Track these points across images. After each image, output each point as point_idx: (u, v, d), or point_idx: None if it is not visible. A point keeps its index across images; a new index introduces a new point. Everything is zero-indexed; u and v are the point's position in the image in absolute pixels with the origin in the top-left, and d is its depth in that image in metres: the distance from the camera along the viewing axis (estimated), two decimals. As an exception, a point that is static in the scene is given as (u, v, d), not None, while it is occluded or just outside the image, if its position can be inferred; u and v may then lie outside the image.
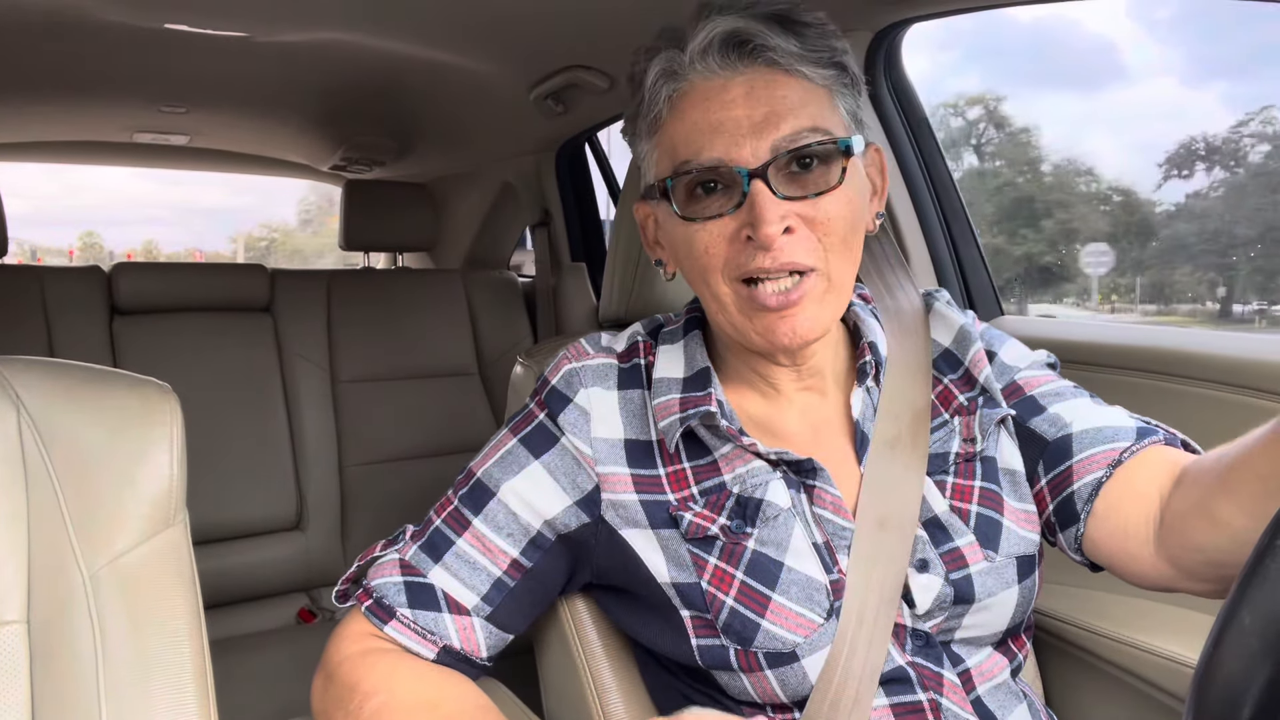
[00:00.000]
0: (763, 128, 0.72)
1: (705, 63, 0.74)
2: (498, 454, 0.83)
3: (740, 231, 0.72)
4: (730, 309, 0.76)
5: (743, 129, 0.72)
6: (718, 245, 0.74)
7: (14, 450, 0.68)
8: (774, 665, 0.74)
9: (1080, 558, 0.83)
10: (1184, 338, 1.25)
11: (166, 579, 0.70)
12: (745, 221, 0.72)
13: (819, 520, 0.77)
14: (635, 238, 1.04)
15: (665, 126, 0.77)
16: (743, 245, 0.73)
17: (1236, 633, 0.42)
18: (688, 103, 0.75)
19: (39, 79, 2.00)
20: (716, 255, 0.74)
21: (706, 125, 0.73)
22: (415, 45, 1.74)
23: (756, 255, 0.72)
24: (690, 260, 0.76)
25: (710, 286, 0.76)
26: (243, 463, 2.15)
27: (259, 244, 18.31)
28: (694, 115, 0.74)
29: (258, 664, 1.82)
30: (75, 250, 19.95)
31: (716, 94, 0.73)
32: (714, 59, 0.73)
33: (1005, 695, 0.80)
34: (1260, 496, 0.65)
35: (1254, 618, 0.42)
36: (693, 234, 0.75)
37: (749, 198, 0.71)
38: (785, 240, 0.71)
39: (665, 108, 0.76)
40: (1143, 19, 16.33)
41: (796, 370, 0.82)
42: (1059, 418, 0.83)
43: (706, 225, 0.74)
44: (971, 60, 22.91)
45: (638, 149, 0.82)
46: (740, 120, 0.72)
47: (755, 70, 0.73)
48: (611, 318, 1.10)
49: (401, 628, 0.78)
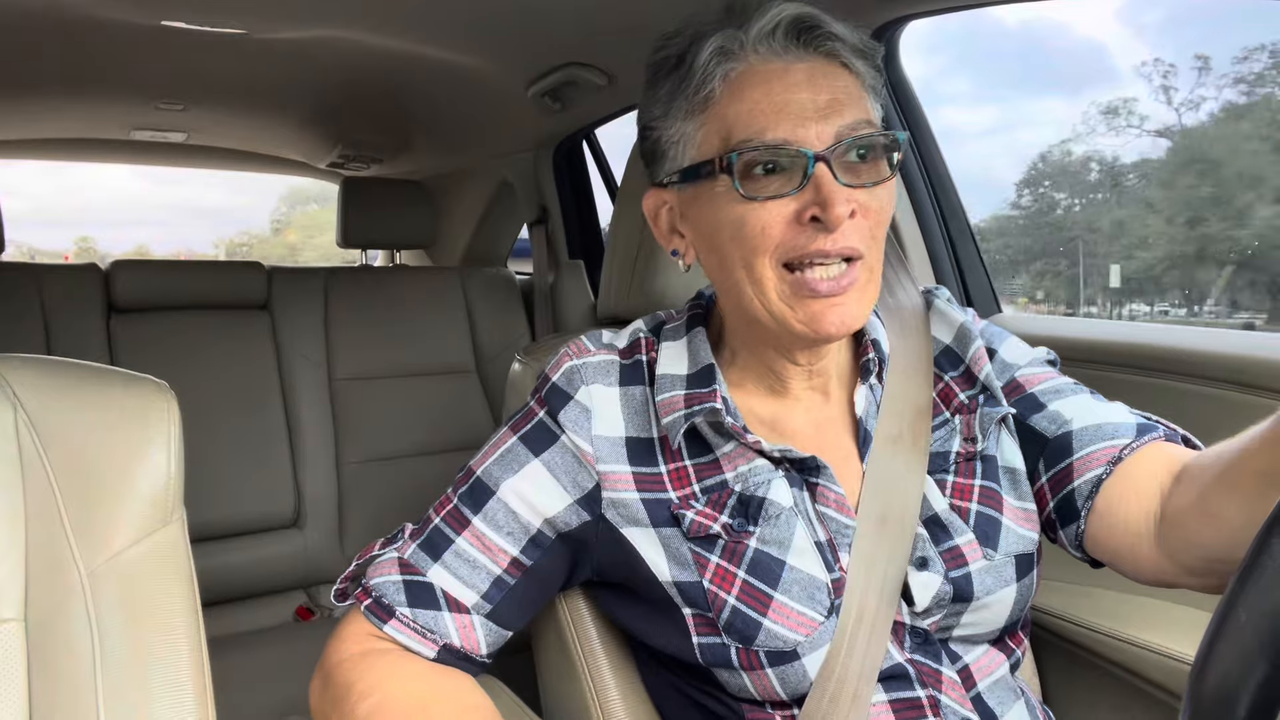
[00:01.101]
0: (827, 113, 0.72)
1: (768, 45, 0.73)
2: (497, 452, 0.83)
3: (802, 213, 0.71)
4: (771, 295, 0.74)
5: (808, 112, 0.72)
6: (775, 226, 0.72)
7: (11, 448, 0.67)
8: (775, 664, 0.74)
9: (1081, 554, 0.83)
10: (1184, 336, 1.25)
11: (164, 577, 0.70)
12: (809, 202, 0.71)
13: (822, 518, 0.77)
14: (633, 234, 1.04)
15: (718, 105, 0.75)
16: (801, 228, 0.72)
17: (1233, 630, 0.42)
18: (746, 83, 0.73)
19: (36, 76, 1.99)
20: (771, 237, 0.72)
21: (770, 106, 0.72)
22: (413, 42, 1.73)
23: (817, 238, 0.71)
24: (737, 242, 0.74)
25: (754, 270, 0.74)
26: (240, 460, 2.15)
27: (240, 248, 19.82)
28: (755, 95, 0.73)
29: (256, 662, 1.81)
30: (70, 256, 20.41)
31: (778, 76, 0.73)
32: (778, 42, 0.73)
33: (1004, 692, 0.80)
34: (1260, 493, 0.65)
35: (1250, 615, 0.42)
36: (747, 213, 0.73)
37: (813, 179, 0.71)
38: (847, 224, 0.72)
39: (720, 85, 0.74)
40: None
41: (809, 370, 0.81)
42: (1059, 415, 0.83)
43: (766, 205, 0.72)
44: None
45: (669, 131, 0.79)
46: (805, 103, 0.72)
47: (814, 59, 0.74)
48: (609, 315, 1.10)
49: (401, 626, 0.78)
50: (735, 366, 0.84)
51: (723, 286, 0.80)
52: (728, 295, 0.80)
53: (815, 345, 0.79)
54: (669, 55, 0.78)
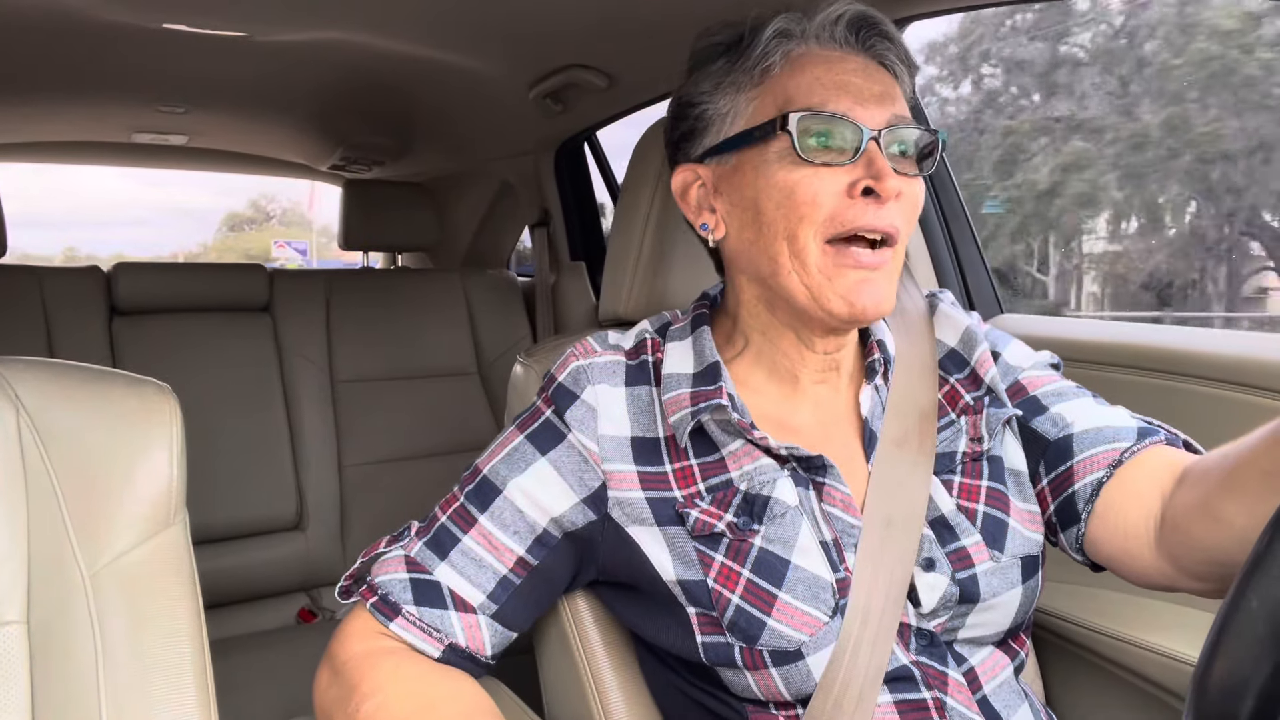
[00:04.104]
0: (882, 99, 0.76)
1: (830, 34, 0.77)
2: (504, 451, 0.83)
3: (854, 186, 0.74)
4: (811, 269, 0.76)
5: (865, 94, 0.75)
6: (825, 194, 0.74)
7: (13, 451, 0.67)
8: (779, 663, 0.74)
9: (1081, 558, 0.83)
10: (1186, 336, 1.25)
11: (166, 579, 0.70)
12: (861, 176, 0.74)
13: (828, 517, 0.77)
14: (635, 236, 1.04)
15: (778, 78, 0.77)
16: (850, 201, 0.74)
17: (1236, 631, 0.42)
18: (807, 61, 0.77)
19: (37, 79, 1.99)
20: (821, 206, 0.74)
21: (831, 82, 0.75)
22: (415, 45, 1.73)
23: (866, 211, 0.74)
24: (784, 210, 0.75)
25: (797, 240, 0.75)
26: (242, 463, 2.15)
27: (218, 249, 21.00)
28: (816, 71, 0.76)
29: (258, 664, 1.81)
30: (57, 263, 21.41)
31: (837, 61, 0.77)
32: (840, 33, 0.77)
33: (1009, 694, 0.80)
34: (1263, 495, 0.65)
35: (1254, 616, 0.42)
36: (800, 180, 0.74)
37: (867, 153, 0.74)
38: (893, 203, 0.74)
39: (781, 61, 0.77)
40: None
41: (825, 358, 0.82)
42: (1061, 418, 0.83)
43: (819, 171, 0.74)
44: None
45: (718, 104, 0.80)
46: (861, 87, 0.76)
47: (865, 58, 0.78)
48: (611, 317, 1.10)
49: (407, 625, 0.78)
50: (745, 359, 0.84)
51: (756, 261, 0.80)
52: (759, 270, 0.80)
53: (843, 328, 0.80)
54: (720, 41, 0.81)
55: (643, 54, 1.61)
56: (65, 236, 47.11)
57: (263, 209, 28.43)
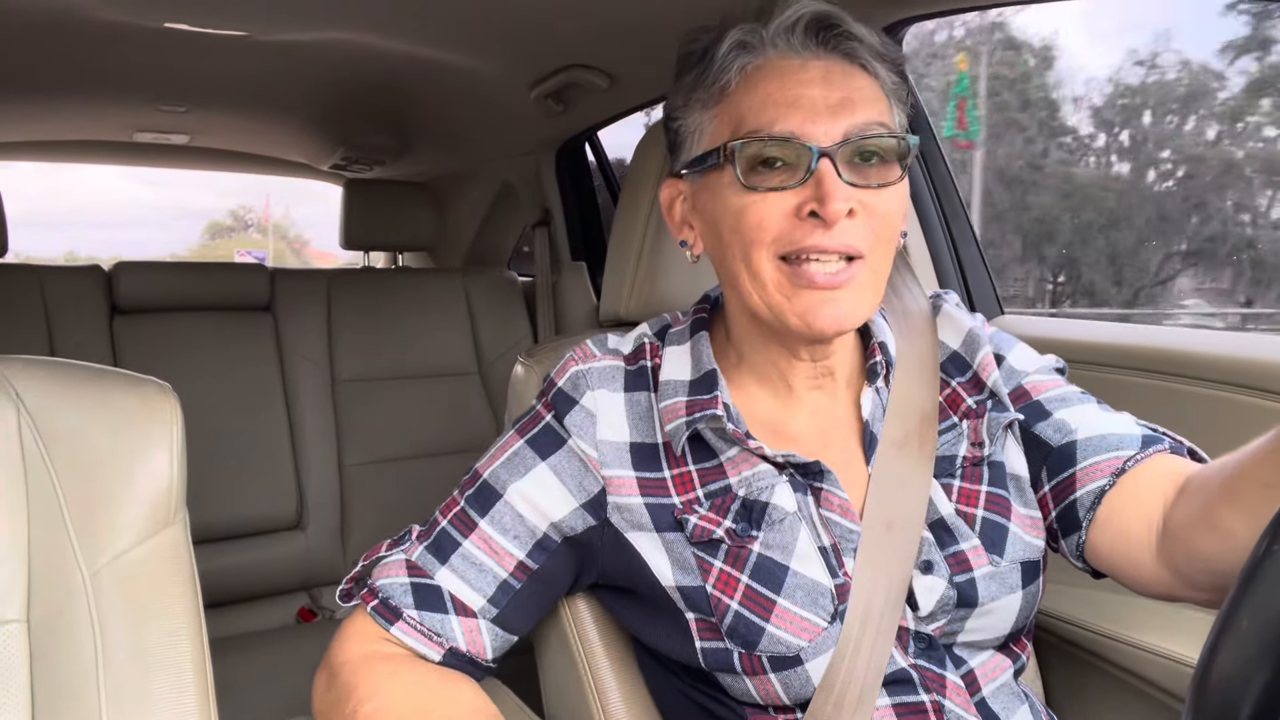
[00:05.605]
0: (838, 111, 0.72)
1: (787, 41, 0.74)
2: (504, 455, 0.83)
3: (801, 207, 0.72)
4: (769, 288, 0.74)
5: (818, 108, 0.72)
6: (771, 219, 0.73)
7: (14, 449, 0.67)
8: (778, 669, 0.74)
9: (1082, 565, 0.83)
10: (1187, 337, 1.24)
11: (166, 578, 0.70)
12: (809, 198, 0.71)
13: (826, 523, 0.77)
14: (636, 236, 1.04)
15: (733, 96, 0.75)
16: (799, 222, 0.72)
17: (1235, 633, 0.42)
18: (762, 76, 0.74)
19: (38, 78, 1.99)
20: (767, 230, 0.73)
21: (782, 99, 0.73)
22: (416, 44, 1.73)
23: (814, 233, 0.71)
24: (736, 234, 0.75)
25: (751, 263, 0.74)
26: (243, 462, 2.15)
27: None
28: (768, 88, 0.73)
29: (258, 663, 1.81)
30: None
31: (794, 72, 0.73)
32: (796, 39, 0.74)
33: (1008, 697, 0.80)
34: (1263, 505, 0.64)
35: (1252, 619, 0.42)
36: (747, 205, 0.73)
37: (816, 174, 0.71)
38: (846, 223, 0.72)
39: (737, 77, 0.75)
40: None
41: (814, 365, 0.81)
42: (1064, 424, 0.83)
43: (766, 196, 0.73)
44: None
45: (687, 121, 0.79)
46: (816, 100, 0.72)
47: (832, 59, 0.74)
48: (611, 317, 1.10)
49: (408, 629, 0.78)
50: (741, 368, 0.84)
51: (725, 279, 0.80)
52: (730, 288, 0.80)
53: (812, 342, 0.79)
54: (694, 49, 0.79)
55: (644, 54, 1.61)
56: (65, 238, 47.24)
57: (241, 218, 29.15)
